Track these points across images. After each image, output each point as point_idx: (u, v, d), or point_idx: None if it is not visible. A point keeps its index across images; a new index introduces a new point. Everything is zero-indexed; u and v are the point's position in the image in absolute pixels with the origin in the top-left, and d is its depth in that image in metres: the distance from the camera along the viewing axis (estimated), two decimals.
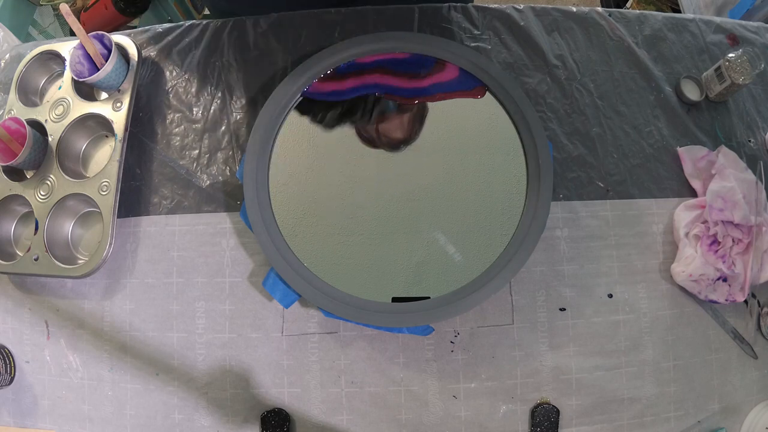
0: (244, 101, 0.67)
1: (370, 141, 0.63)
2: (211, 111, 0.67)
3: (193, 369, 0.60)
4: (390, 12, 0.71)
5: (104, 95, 0.65)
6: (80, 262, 0.60)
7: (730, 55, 0.65)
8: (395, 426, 0.58)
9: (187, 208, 0.64)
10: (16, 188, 0.62)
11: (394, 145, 0.63)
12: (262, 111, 0.62)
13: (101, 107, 0.63)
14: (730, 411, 0.60)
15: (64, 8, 0.62)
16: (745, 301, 0.62)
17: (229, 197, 0.64)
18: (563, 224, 0.63)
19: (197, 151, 0.66)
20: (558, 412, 0.58)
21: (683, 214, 0.63)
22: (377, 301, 0.57)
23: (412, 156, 0.62)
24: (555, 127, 0.67)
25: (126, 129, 0.62)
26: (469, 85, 0.64)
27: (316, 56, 0.65)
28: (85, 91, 0.66)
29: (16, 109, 0.65)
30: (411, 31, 0.69)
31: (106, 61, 0.61)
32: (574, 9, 0.72)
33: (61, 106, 0.64)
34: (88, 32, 0.63)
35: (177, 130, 0.67)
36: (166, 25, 0.72)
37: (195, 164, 0.65)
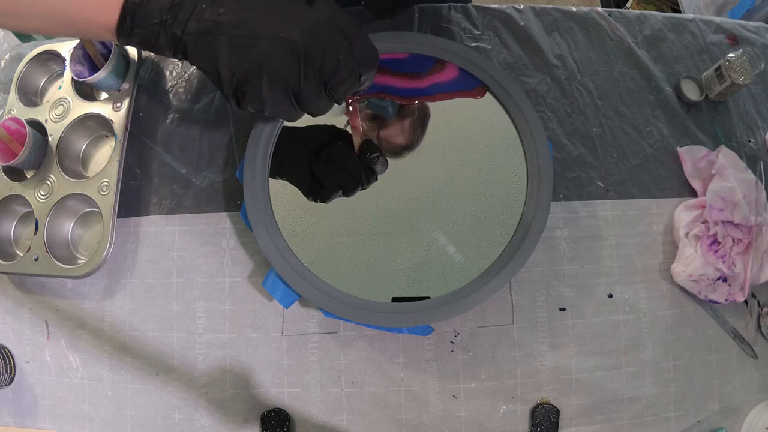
0: None
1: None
2: (212, 111, 0.67)
3: (193, 369, 0.60)
4: None
5: (104, 95, 0.65)
6: (80, 262, 0.60)
7: (730, 55, 0.65)
8: (395, 426, 0.58)
9: (187, 208, 0.64)
10: (16, 188, 0.62)
11: (396, 152, 0.63)
12: None
13: (101, 107, 0.63)
14: (730, 411, 0.61)
15: None
16: (745, 301, 0.62)
17: (229, 197, 0.64)
18: (563, 224, 0.63)
19: (197, 151, 0.66)
20: (558, 412, 0.58)
21: (683, 214, 0.63)
22: (377, 301, 0.56)
23: (413, 156, 0.62)
24: (555, 127, 0.67)
25: (126, 129, 0.62)
26: (469, 85, 0.64)
27: None
28: (85, 91, 0.66)
29: (16, 109, 0.65)
30: (411, 31, 0.69)
31: (106, 61, 0.61)
32: (574, 9, 0.72)
33: (61, 106, 0.64)
34: None
35: (177, 130, 0.67)
36: None
37: (195, 164, 0.65)
